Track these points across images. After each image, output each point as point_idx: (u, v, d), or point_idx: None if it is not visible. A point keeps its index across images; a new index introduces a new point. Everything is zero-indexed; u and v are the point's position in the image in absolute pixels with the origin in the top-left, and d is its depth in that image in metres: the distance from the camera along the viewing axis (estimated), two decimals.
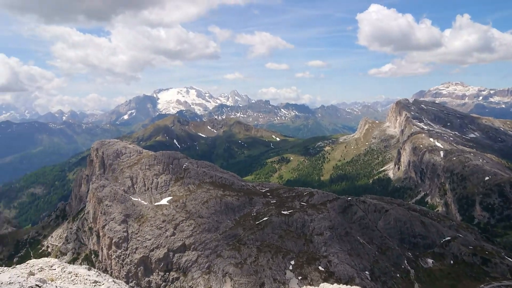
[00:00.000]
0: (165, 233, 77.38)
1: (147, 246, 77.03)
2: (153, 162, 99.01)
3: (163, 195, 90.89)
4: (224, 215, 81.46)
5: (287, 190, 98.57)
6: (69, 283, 5.01)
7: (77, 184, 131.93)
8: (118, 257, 79.39)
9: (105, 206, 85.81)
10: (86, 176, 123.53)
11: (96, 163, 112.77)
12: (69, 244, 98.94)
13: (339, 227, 73.70)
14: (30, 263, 5.78)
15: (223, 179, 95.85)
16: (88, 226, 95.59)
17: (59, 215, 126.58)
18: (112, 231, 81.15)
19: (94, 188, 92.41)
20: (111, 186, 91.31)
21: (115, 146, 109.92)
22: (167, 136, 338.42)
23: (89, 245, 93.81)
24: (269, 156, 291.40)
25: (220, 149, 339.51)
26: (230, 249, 70.33)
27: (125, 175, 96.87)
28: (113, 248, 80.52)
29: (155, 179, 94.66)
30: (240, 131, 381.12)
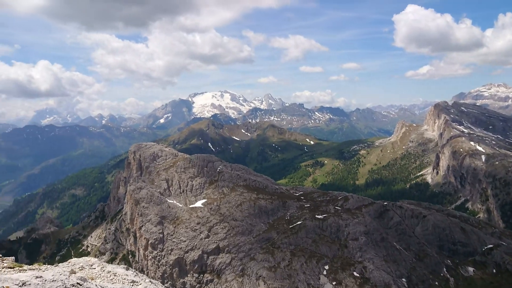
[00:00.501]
0: (199, 235, 78.31)
1: (182, 248, 78.19)
2: (188, 165, 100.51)
3: (198, 198, 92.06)
4: (258, 218, 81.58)
5: (321, 194, 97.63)
6: (108, 282, 5.19)
7: (115, 186, 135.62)
8: (154, 258, 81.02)
9: (142, 208, 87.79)
10: (124, 178, 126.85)
11: (133, 165, 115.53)
12: (108, 244, 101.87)
13: (374, 233, 72.24)
14: (71, 262, 6.03)
15: (256, 183, 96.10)
16: (126, 227, 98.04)
17: (98, 216, 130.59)
18: (149, 232, 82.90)
19: (132, 190, 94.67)
20: (148, 188, 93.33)
21: (151, 149, 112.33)
22: (202, 140, 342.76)
23: (126, 245, 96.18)
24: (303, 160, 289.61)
25: (254, 152, 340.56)
26: (264, 253, 70.34)
27: (161, 177, 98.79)
28: (149, 249, 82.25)
29: (190, 182, 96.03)
30: (274, 135, 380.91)
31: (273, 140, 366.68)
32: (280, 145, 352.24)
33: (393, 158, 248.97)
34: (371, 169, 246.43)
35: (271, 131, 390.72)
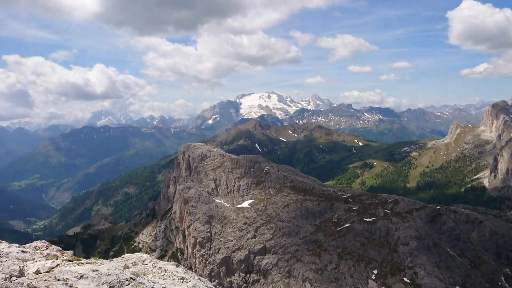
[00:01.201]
0: (246, 235, 78.94)
1: (229, 247, 79.16)
2: (236, 165, 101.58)
3: (245, 198, 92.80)
4: (305, 220, 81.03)
5: (370, 197, 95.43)
6: (159, 277, 5.38)
7: (166, 185, 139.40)
8: (202, 256, 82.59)
9: (190, 207, 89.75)
10: (173, 178, 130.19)
11: (182, 165, 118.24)
12: (158, 241, 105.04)
13: (426, 238, 69.62)
14: (125, 257, 6.29)
15: (303, 184, 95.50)
16: (175, 225, 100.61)
17: (149, 213, 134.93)
18: (197, 231, 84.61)
19: (181, 189, 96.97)
20: (196, 187, 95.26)
21: (200, 150, 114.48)
22: (249, 140, 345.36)
23: (175, 243, 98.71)
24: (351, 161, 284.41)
25: (301, 153, 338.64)
26: (310, 255, 69.78)
27: (209, 177, 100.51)
28: (197, 247, 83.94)
29: (237, 182, 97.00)
30: (321, 136, 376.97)
31: (320, 141, 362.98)
32: (328, 146, 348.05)
33: (447, 160, 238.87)
34: (423, 171, 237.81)
35: (319, 132, 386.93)
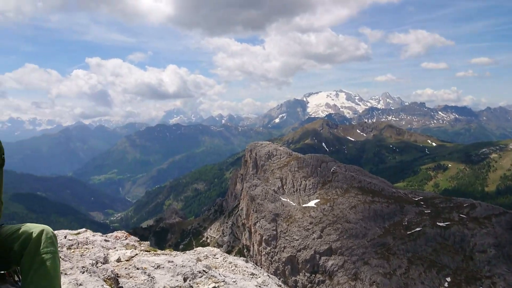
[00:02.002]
0: (312, 235, 78.44)
1: (294, 246, 79.16)
2: (302, 164, 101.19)
3: (311, 197, 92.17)
4: (373, 222, 78.83)
5: (444, 200, 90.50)
6: (229, 272, 5.62)
7: (233, 183, 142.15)
8: (267, 254, 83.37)
9: (257, 205, 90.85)
10: (240, 175, 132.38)
11: (249, 163, 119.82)
12: (225, 237, 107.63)
13: (507, 246, 64.76)
14: (197, 250, 6.64)
15: (372, 185, 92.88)
16: (242, 222, 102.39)
17: (217, 210, 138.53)
18: (263, 228, 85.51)
19: (248, 187, 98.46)
20: (263, 185, 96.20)
21: (266, 148, 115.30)
22: (316, 139, 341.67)
23: (242, 240, 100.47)
24: (424, 163, 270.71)
25: (370, 153, 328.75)
26: (378, 258, 67.79)
27: (276, 176, 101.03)
28: (263, 244, 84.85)
29: (303, 181, 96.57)
30: (392, 135, 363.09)
31: (390, 141, 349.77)
32: (398, 146, 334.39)
33: None
34: (503, 174, 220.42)
35: (389, 131, 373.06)
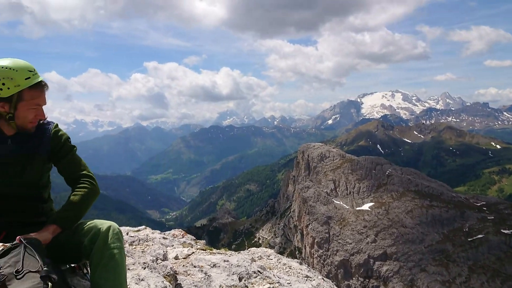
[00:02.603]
0: (366, 239, 76.62)
1: (347, 250, 77.69)
2: (356, 166, 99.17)
3: (365, 201, 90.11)
4: (430, 227, 75.60)
5: (509, 206, 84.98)
6: (284, 273, 5.58)
7: (285, 184, 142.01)
8: (319, 257, 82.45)
9: (309, 207, 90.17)
10: (292, 177, 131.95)
11: (302, 165, 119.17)
12: (277, 238, 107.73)
13: None
14: (251, 251, 6.66)
15: (430, 189, 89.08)
16: (293, 224, 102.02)
17: (269, 211, 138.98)
18: (315, 231, 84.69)
19: (300, 189, 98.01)
20: (315, 187, 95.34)
21: (319, 150, 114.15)
22: (370, 141, 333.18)
23: (294, 241, 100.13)
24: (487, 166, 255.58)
25: (427, 156, 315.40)
26: (437, 265, 64.92)
27: (328, 178, 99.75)
28: (315, 247, 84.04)
29: (357, 184, 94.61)
30: (451, 137, 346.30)
31: (450, 143, 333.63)
32: (459, 148, 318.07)
33: None
34: None
35: (448, 133, 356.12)
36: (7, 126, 2.90)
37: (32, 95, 2.82)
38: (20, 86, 2.73)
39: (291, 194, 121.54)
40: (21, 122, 2.89)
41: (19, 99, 2.78)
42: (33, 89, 2.81)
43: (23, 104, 2.81)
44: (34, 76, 2.80)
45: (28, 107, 2.84)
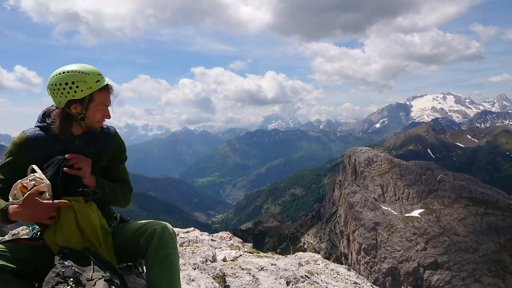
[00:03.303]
0: (415, 247, 74.07)
1: (395, 257, 75.44)
2: (405, 171, 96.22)
3: (414, 207, 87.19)
4: (485, 236, 71.90)
5: None
6: (331, 279, 5.52)
7: (331, 189, 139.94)
8: (366, 264, 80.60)
9: (355, 212, 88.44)
10: (339, 182, 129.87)
11: (348, 169, 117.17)
12: (322, 243, 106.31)
13: None
14: (298, 255, 6.66)
15: (484, 195, 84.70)
16: (340, 229, 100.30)
17: (314, 215, 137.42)
18: (362, 237, 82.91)
19: (346, 194, 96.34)
20: (362, 192, 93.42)
21: (366, 154, 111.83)
22: (420, 146, 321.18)
23: (340, 247, 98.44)
24: None
25: (482, 161, 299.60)
26: (492, 276, 61.66)
27: (376, 183, 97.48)
28: (362, 253, 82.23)
29: (406, 189, 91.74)
30: (508, 141, 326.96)
31: (507, 148, 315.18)
32: None
33: None
34: None
35: (505, 137, 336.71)
36: (77, 127, 3.17)
37: (101, 96, 3.09)
38: (92, 88, 3.00)
39: (337, 199, 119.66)
40: (91, 122, 3.15)
41: (90, 100, 3.04)
42: (102, 91, 3.08)
43: (94, 105, 3.07)
44: (102, 79, 3.09)
45: (97, 108, 3.10)
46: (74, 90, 2.94)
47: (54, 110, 3.22)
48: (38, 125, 3.19)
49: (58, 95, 2.99)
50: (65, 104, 3.02)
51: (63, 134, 3.12)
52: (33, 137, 3.09)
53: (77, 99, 2.99)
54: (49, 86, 3.02)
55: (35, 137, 3.10)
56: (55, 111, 3.20)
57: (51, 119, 3.18)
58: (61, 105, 3.05)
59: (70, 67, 3.01)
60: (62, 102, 3.02)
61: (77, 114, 3.07)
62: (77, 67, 3.00)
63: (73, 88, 2.94)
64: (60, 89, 2.95)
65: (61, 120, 3.09)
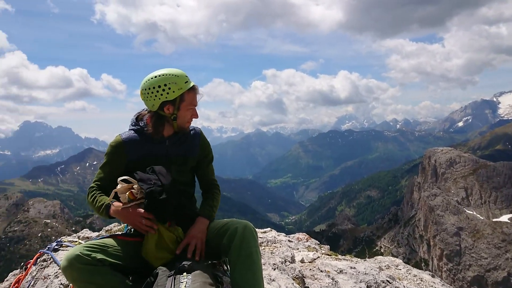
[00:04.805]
0: (505, 254, 68.56)
1: (482, 265, 70.39)
2: (492, 173, 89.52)
3: (503, 211, 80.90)
4: None
5: None
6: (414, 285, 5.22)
7: (409, 191, 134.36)
8: (449, 271, 76.20)
9: (436, 216, 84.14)
10: (417, 184, 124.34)
11: (428, 171, 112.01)
12: (400, 248, 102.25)
13: None
14: (378, 259, 6.45)
15: None
16: (419, 234, 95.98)
17: (391, 218, 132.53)
18: (444, 242, 78.63)
19: (426, 196, 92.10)
20: (444, 195, 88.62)
21: (448, 155, 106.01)
22: (510, 145, 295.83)
23: (419, 252, 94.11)
24: None
25: None
26: None
27: (459, 185, 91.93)
28: (444, 260, 77.97)
29: (494, 192, 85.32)
30: None
31: None
32: None
33: None
34: None
35: None
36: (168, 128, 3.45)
37: (190, 96, 3.36)
38: (182, 89, 3.28)
39: (416, 201, 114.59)
40: (181, 122, 3.42)
41: (181, 101, 3.32)
42: (190, 91, 3.35)
43: (184, 105, 3.34)
44: (189, 81, 3.36)
45: (187, 108, 3.37)
46: (167, 91, 3.22)
47: (146, 113, 3.51)
48: (132, 128, 3.50)
49: (151, 98, 3.27)
50: (159, 106, 3.30)
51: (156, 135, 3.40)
52: (128, 140, 3.40)
53: (170, 100, 3.26)
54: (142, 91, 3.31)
55: (130, 139, 3.40)
56: (147, 114, 3.49)
57: (143, 122, 3.47)
58: (154, 108, 3.33)
59: (159, 71, 3.30)
60: (156, 105, 3.29)
61: (170, 114, 3.35)
62: (167, 70, 3.29)
63: (166, 90, 3.22)
64: (154, 92, 3.24)
65: (154, 122, 3.37)
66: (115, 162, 3.40)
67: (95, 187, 3.39)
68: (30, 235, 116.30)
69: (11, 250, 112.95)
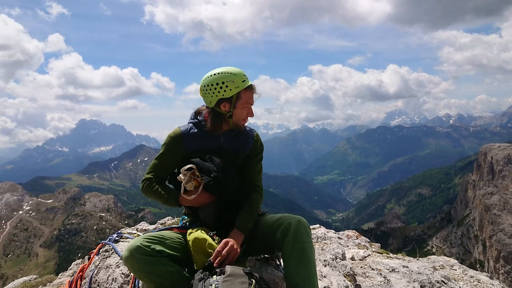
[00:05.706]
0: None
1: None
2: None
3: None
4: None
5: None
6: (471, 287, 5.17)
7: (463, 189, 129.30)
8: (506, 273, 72.69)
9: (493, 215, 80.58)
10: (472, 181, 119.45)
11: (484, 168, 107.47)
12: (453, 248, 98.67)
13: None
14: (431, 259, 6.30)
15: None
16: (474, 234, 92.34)
17: (444, 217, 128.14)
18: (501, 243, 75.11)
19: (481, 195, 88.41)
20: (501, 194, 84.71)
21: (506, 151, 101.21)
22: None
23: (474, 253, 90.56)
24: None
25: None
26: None
27: None
28: (501, 262, 74.46)
29: None
30: None
31: None
32: None
33: None
34: None
35: None
36: (224, 124, 3.58)
37: (246, 95, 3.47)
38: (239, 88, 3.41)
39: (471, 200, 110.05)
40: (237, 119, 3.54)
41: (237, 99, 3.44)
42: (247, 90, 3.47)
43: (240, 103, 3.46)
44: (247, 79, 3.49)
45: (243, 106, 3.48)
46: (224, 89, 3.37)
47: (204, 109, 3.68)
48: (191, 122, 3.68)
49: (209, 94, 3.43)
50: (216, 103, 3.45)
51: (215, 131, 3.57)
52: (186, 132, 3.57)
53: (226, 97, 3.40)
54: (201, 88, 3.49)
55: (187, 132, 3.58)
56: (205, 110, 3.65)
57: (202, 117, 3.65)
58: (212, 104, 3.48)
59: (219, 69, 3.46)
60: (213, 102, 3.45)
61: (226, 112, 3.48)
62: (225, 69, 3.44)
63: (223, 87, 3.37)
64: (212, 89, 3.40)
65: (212, 118, 3.53)
66: (173, 153, 3.56)
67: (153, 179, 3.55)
68: (87, 228, 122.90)
69: (69, 241, 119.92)
